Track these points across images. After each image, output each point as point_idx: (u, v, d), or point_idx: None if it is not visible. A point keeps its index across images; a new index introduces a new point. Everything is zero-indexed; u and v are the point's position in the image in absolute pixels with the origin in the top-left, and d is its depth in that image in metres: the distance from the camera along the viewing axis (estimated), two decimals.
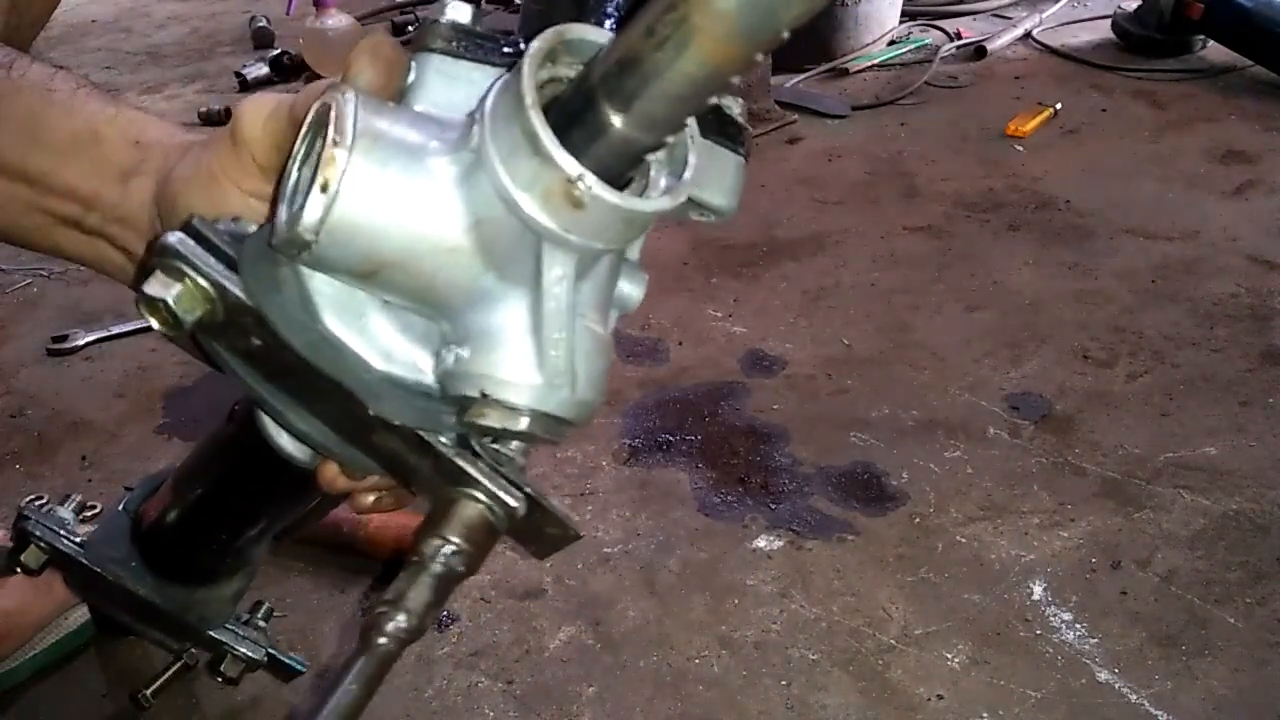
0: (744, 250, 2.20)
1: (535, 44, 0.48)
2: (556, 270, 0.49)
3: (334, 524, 1.43)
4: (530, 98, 0.45)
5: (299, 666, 1.11)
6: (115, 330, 2.03)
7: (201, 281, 0.52)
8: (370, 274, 0.52)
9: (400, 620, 0.48)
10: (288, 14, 3.93)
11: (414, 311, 0.55)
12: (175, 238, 0.52)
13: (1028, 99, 2.78)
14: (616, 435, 1.70)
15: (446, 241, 0.50)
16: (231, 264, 0.52)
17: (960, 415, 1.70)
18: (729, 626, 1.35)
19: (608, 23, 0.56)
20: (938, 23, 3.30)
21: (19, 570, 0.94)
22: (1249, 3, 2.72)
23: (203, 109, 3.11)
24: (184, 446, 1.74)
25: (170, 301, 0.52)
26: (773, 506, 1.54)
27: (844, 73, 3.02)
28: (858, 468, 1.61)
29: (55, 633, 1.35)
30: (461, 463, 0.54)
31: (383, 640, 0.48)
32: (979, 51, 3.05)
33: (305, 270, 0.53)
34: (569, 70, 0.50)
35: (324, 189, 0.48)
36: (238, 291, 0.52)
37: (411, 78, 0.56)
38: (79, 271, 2.13)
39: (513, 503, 0.54)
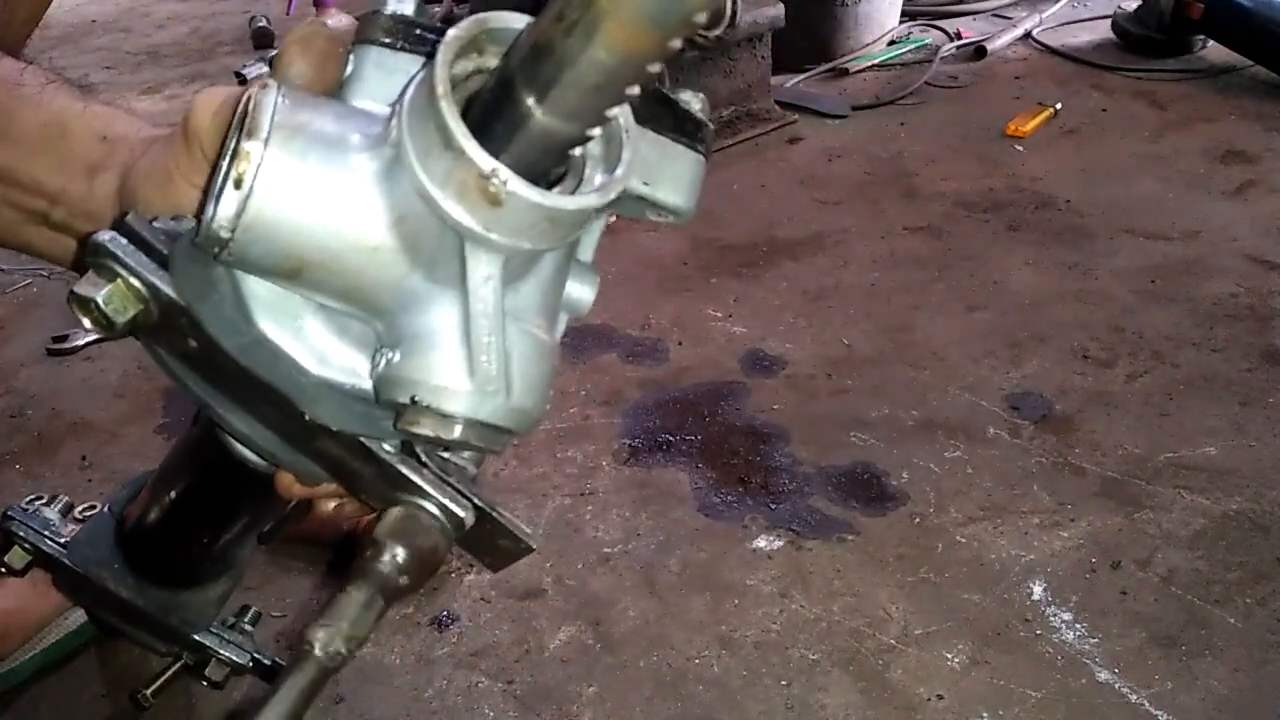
0: (744, 250, 2.20)
1: (452, 32, 0.46)
2: (482, 271, 0.47)
3: (333, 523, 1.43)
4: (442, 88, 0.43)
5: None
6: None
7: (133, 281, 0.50)
8: (294, 273, 0.50)
9: (338, 634, 0.46)
10: (288, 14, 3.94)
11: (347, 314, 0.53)
12: (107, 235, 0.50)
13: (1028, 99, 2.78)
14: (616, 435, 1.70)
15: (369, 240, 0.48)
16: (166, 263, 0.51)
17: (960, 415, 1.69)
18: (729, 626, 1.35)
19: None
20: (938, 23, 3.30)
21: (3, 571, 0.94)
22: (1249, 3, 2.72)
23: None
24: None
25: (100, 301, 0.50)
26: (773, 506, 1.54)
27: (844, 73, 3.02)
28: (858, 468, 1.60)
29: (55, 632, 1.35)
30: (405, 470, 0.52)
31: (319, 654, 0.46)
32: (979, 51, 3.06)
33: (239, 271, 0.52)
34: (495, 60, 0.48)
35: (238, 184, 0.47)
36: (170, 291, 0.50)
37: (349, 70, 0.54)
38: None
39: (460, 512, 0.52)
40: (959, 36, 3.18)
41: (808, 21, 2.96)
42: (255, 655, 1.06)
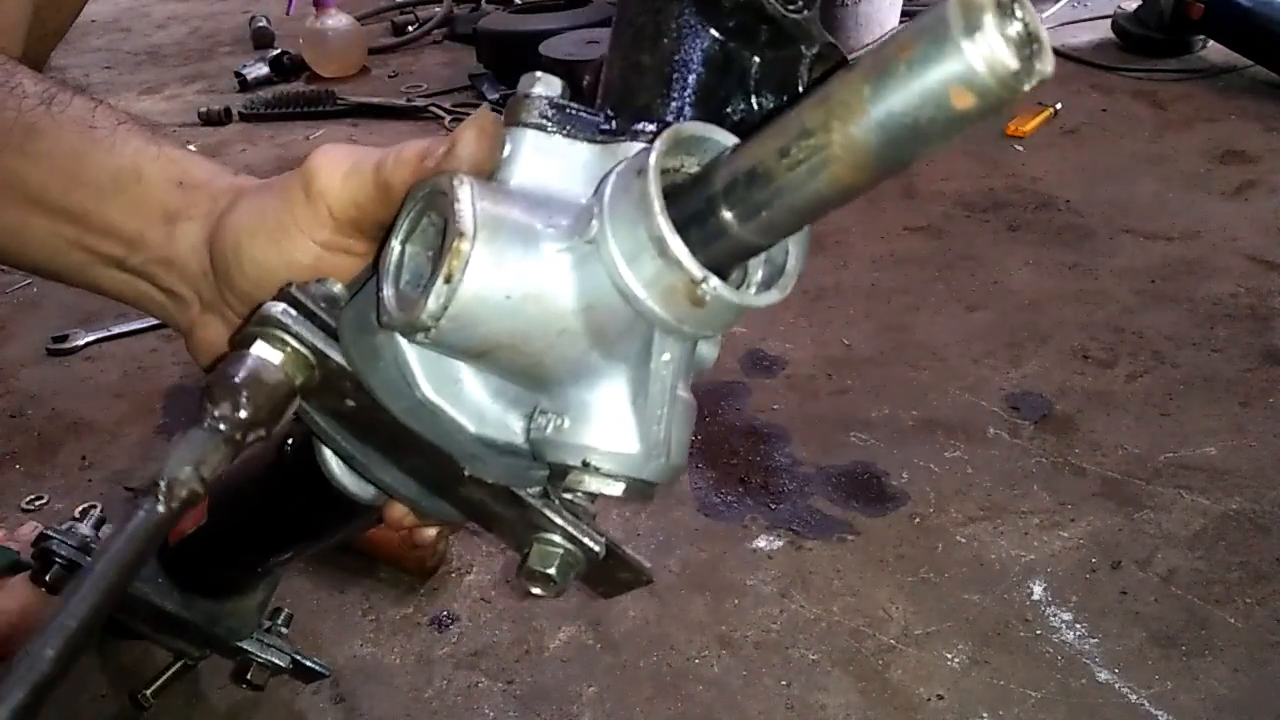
0: None
1: (658, 147, 0.49)
2: (666, 356, 0.52)
3: (422, 554, 1.42)
4: (658, 204, 0.47)
5: (322, 670, 1.13)
6: (115, 330, 2.03)
7: (303, 350, 0.53)
8: (483, 354, 0.54)
9: (180, 472, 0.49)
10: (288, 14, 3.94)
11: (513, 383, 0.56)
12: (279, 308, 0.53)
13: (1028, 99, 2.78)
14: None
15: (558, 324, 0.52)
16: (329, 330, 0.54)
17: (960, 415, 1.69)
18: (729, 626, 1.35)
19: (688, 96, 0.58)
20: None
21: (46, 590, 0.96)
22: (1249, 3, 2.72)
23: (203, 109, 3.11)
24: None
25: (279, 365, 0.53)
26: (773, 506, 1.54)
27: None
28: (858, 468, 1.60)
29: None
30: (550, 513, 0.57)
31: (164, 492, 0.48)
32: None
33: (400, 339, 0.55)
34: (675, 161, 0.52)
35: (448, 279, 0.49)
36: (339, 359, 0.54)
37: (506, 151, 0.57)
38: None
39: (595, 547, 0.59)
40: None
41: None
42: (295, 656, 1.07)
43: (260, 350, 0.52)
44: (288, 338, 0.52)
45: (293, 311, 0.53)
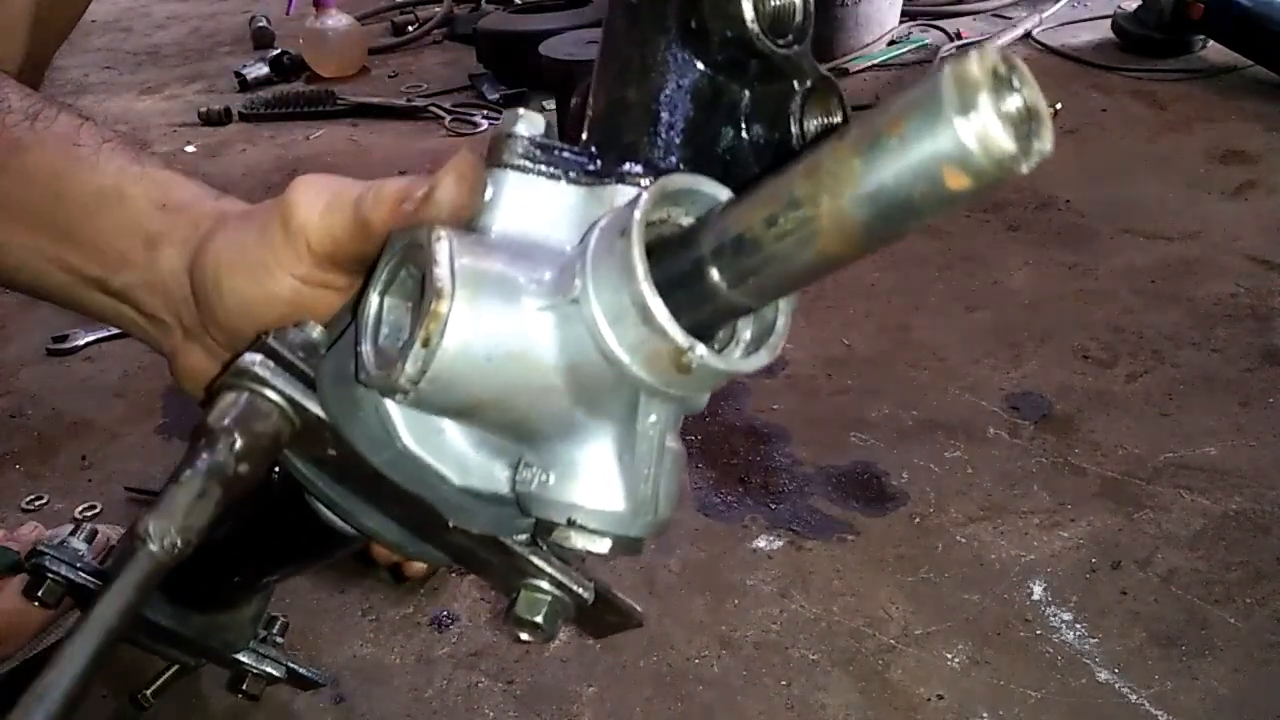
0: None
1: (643, 204, 0.47)
2: (653, 417, 0.50)
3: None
4: (642, 269, 0.45)
5: (317, 679, 1.13)
6: (115, 330, 2.03)
7: (281, 402, 0.52)
8: (465, 414, 0.52)
9: (172, 525, 0.49)
10: (288, 14, 3.94)
11: (498, 436, 0.55)
12: (256, 360, 0.52)
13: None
14: None
15: (540, 382, 0.50)
16: (307, 380, 0.53)
17: (960, 415, 1.69)
18: (729, 626, 1.35)
19: (675, 134, 0.56)
20: (938, 23, 3.30)
21: (39, 605, 0.96)
22: (1249, 3, 2.72)
23: (203, 109, 3.11)
24: (183, 447, 1.74)
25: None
26: (773, 506, 1.54)
27: (844, 73, 3.02)
28: (858, 468, 1.60)
29: (55, 635, 1.35)
30: (538, 561, 0.57)
31: (154, 548, 0.48)
32: None
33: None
34: (662, 213, 0.51)
35: (426, 343, 0.48)
36: (317, 410, 0.53)
37: (488, 195, 0.55)
38: None
39: (584, 593, 0.58)
40: (959, 36, 3.18)
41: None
42: (290, 666, 1.07)
43: (247, 397, 0.52)
44: (266, 391, 0.51)
45: (270, 364, 0.52)
